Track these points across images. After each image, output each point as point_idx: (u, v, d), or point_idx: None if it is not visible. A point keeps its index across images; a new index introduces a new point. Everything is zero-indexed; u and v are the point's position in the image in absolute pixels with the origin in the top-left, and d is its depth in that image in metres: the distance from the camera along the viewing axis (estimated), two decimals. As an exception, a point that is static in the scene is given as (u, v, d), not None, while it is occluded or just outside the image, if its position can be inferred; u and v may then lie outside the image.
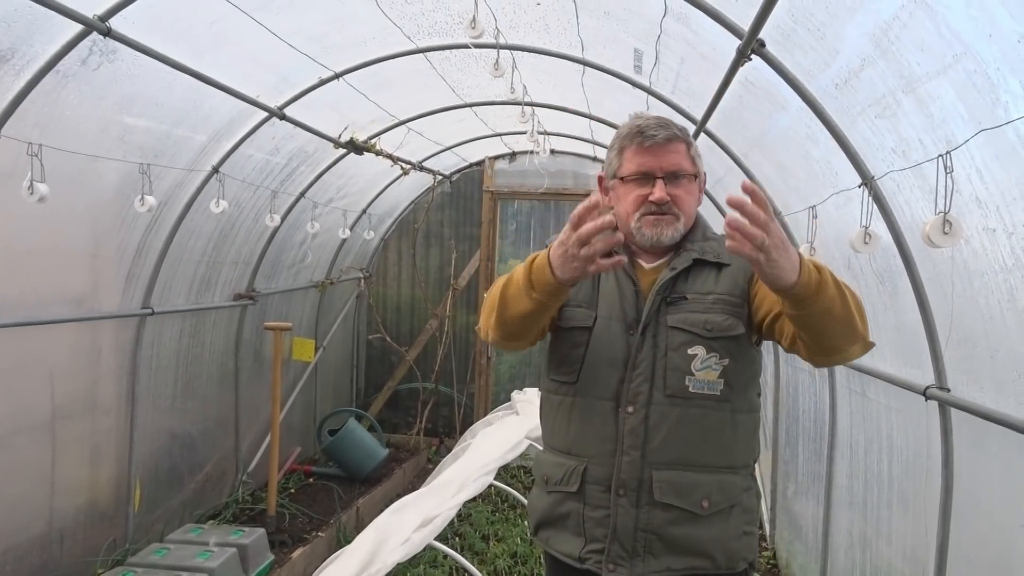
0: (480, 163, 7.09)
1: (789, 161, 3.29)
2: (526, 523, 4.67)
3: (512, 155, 7.00)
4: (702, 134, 3.73)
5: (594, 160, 6.75)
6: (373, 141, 5.09)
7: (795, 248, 1.45)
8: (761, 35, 2.34)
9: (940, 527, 2.28)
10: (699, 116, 3.60)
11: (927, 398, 2.30)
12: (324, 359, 6.68)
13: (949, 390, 2.23)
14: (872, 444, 3.01)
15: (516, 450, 4.40)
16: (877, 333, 1.65)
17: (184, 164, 3.90)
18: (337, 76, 4.01)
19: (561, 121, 5.53)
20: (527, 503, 2.10)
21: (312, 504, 5.37)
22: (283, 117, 4.03)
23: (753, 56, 2.43)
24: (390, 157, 5.35)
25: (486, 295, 1.81)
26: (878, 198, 2.32)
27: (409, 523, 3.22)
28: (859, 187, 2.39)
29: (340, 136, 4.77)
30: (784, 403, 4.47)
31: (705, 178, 1.91)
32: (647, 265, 1.86)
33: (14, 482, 3.39)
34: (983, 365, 2.06)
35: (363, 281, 7.24)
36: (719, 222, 4.84)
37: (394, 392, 7.36)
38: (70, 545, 3.72)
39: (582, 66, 4.06)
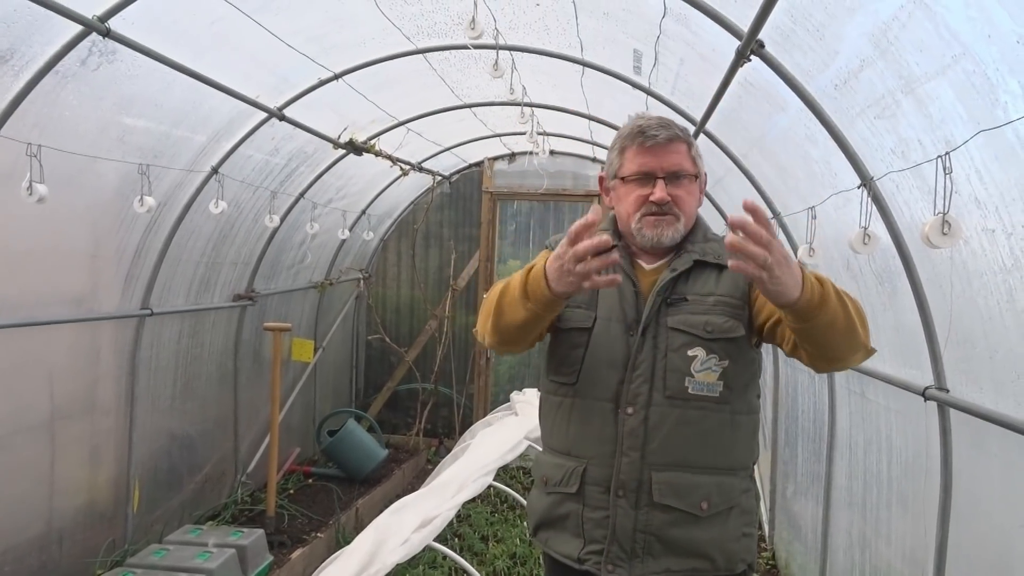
0: (479, 164, 7.09)
1: (788, 162, 3.29)
2: (525, 524, 4.68)
3: (511, 156, 7.00)
4: (701, 135, 3.73)
5: (593, 161, 6.75)
6: (372, 142, 5.09)
7: (797, 262, 1.45)
8: (760, 36, 2.34)
9: (939, 527, 2.28)
10: (698, 117, 3.60)
11: (926, 399, 2.30)
12: (323, 360, 6.67)
13: (948, 391, 2.23)
14: (871, 445, 3.01)
15: (515, 451, 4.40)
16: (876, 334, 1.65)
17: (183, 165, 3.90)
18: (337, 77, 4.02)
19: (560, 122, 5.53)
20: (526, 504, 2.10)
21: (311, 505, 5.36)
22: (282, 118, 4.03)
23: (752, 57, 2.43)
24: (389, 158, 5.35)
25: (484, 299, 1.81)
26: (877, 199, 2.32)
27: (408, 524, 3.22)
28: (858, 188, 2.39)
29: (339, 137, 4.77)
30: (783, 403, 4.46)
31: (706, 179, 1.91)
32: (647, 266, 1.85)
33: (13, 483, 3.39)
34: (982, 366, 2.06)
35: (362, 282, 7.24)
36: (718, 223, 4.86)
37: (393, 393, 7.35)
38: (69, 546, 3.72)
39: (581, 67, 4.06)
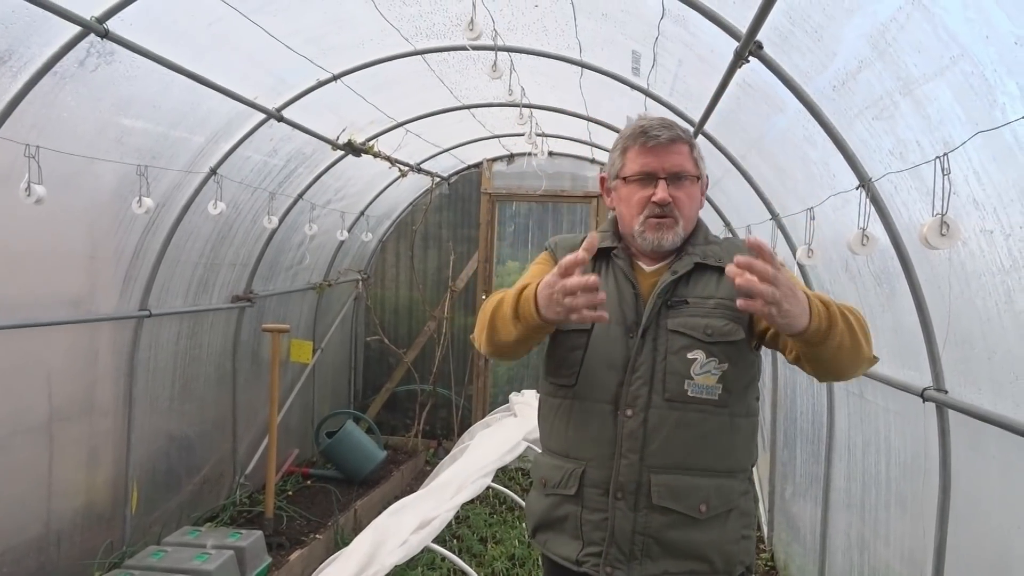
0: (478, 165, 7.09)
1: (787, 163, 3.29)
2: (524, 525, 4.67)
3: (510, 157, 7.00)
4: (700, 136, 3.73)
5: (592, 162, 6.75)
6: (371, 143, 5.09)
7: (803, 290, 1.46)
8: (759, 37, 2.34)
9: (938, 529, 2.27)
10: (697, 118, 3.60)
11: (925, 400, 2.30)
12: (322, 361, 6.67)
13: (947, 392, 2.23)
14: (870, 446, 3.01)
15: (514, 452, 4.40)
16: (875, 335, 1.65)
17: (182, 166, 3.90)
18: (335, 78, 4.02)
19: (559, 123, 5.53)
20: (525, 505, 2.10)
21: (310, 506, 5.36)
22: (281, 119, 4.03)
23: (751, 58, 2.43)
24: (388, 159, 5.35)
25: (481, 308, 1.81)
26: (876, 200, 2.32)
27: (407, 525, 3.21)
28: (857, 189, 2.39)
29: (338, 138, 4.77)
30: (782, 405, 4.46)
31: (707, 180, 1.91)
32: (647, 268, 1.85)
33: (11, 484, 3.38)
34: (981, 367, 2.06)
35: (361, 283, 7.24)
36: (717, 224, 4.86)
37: (392, 394, 7.35)
38: (67, 547, 3.72)
39: (580, 68, 4.06)
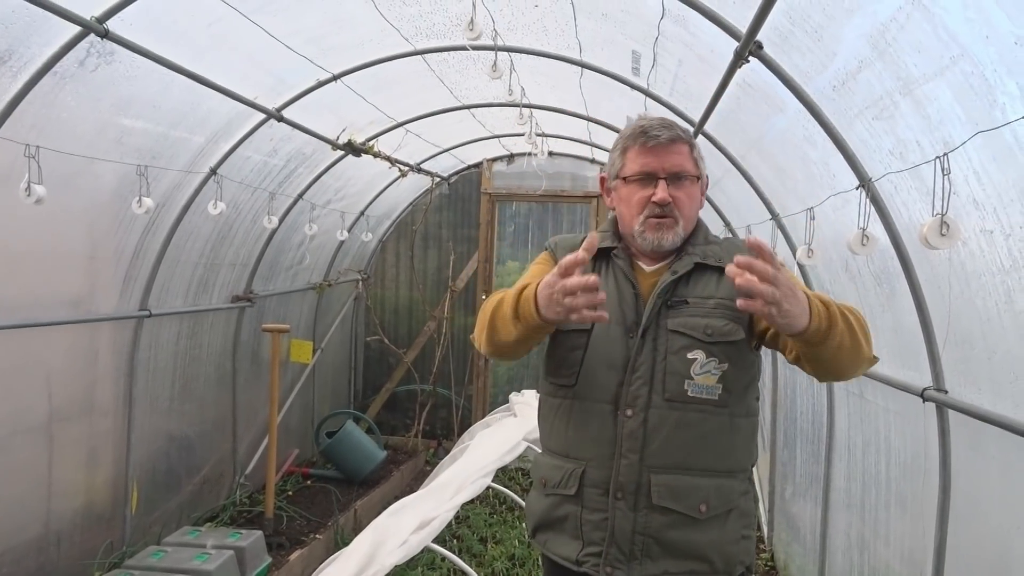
0: (478, 165, 7.08)
1: (787, 163, 3.29)
2: (524, 525, 4.67)
3: (510, 157, 7.00)
4: (700, 136, 3.73)
5: (592, 162, 6.75)
6: (371, 143, 5.09)
7: (802, 290, 1.46)
8: (759, 37, 2.34)
9: (938, 529, 2.27)
10: (697, 118, 3.60)
11: (925, 400, 2.30)
12: (322, 361, 6.67)
13: (947, 392, 2.23)
14: (870, 446, 3.01)
15: (514, 452, 4.40)
16: (875, 335, 1.65)
17: (182, 166, 3.90)
18: (335, 78, 4.01)
19: (559, 123, 5.53)
20: (525, 505, 2.10)
21: (310, 506, 5.36)
22: (281, 119, 4.03)
23: (751, 58, 2.43)
24: (388, 159, 5.35)
25: (481, 308, 1.81)
26: (876, 200, 2.32)
27: (407, 525, 3.21)
28: (857, 189, 2.39)
29: (338, 138, 4.77)
30: (782, 405, 4.46)
31: (707, 181, 1.91)
32: (647, 268, 1.85)
33: (11, 484, 3.38)
34: (981, 367, 2.06)
35: (361, 283, 7.24)
36: (717, 224, 4.86)
37: (392, 394, 7.35)
38: (67, 547, 3.72)
39: (580, 68, 4.06)
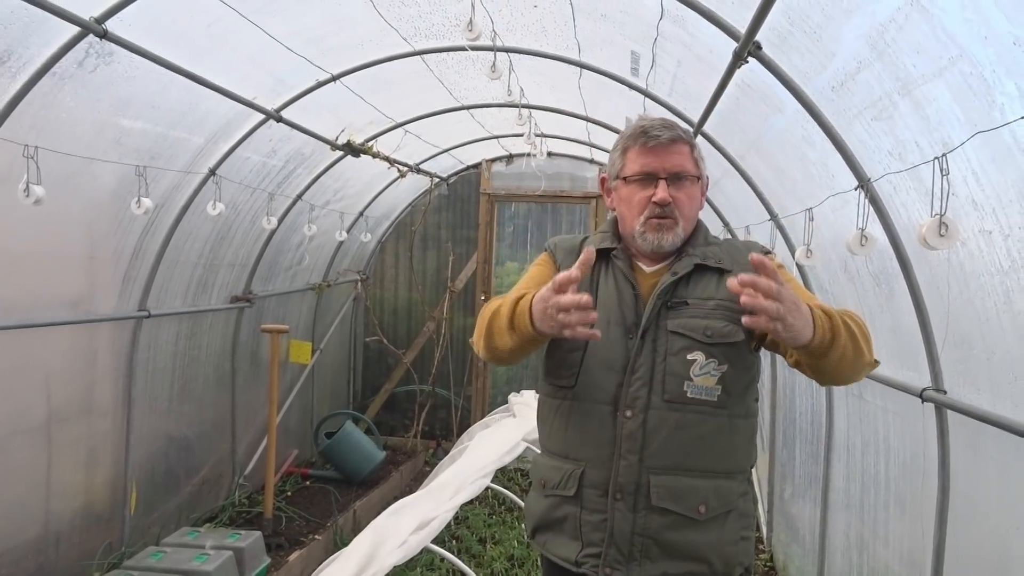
0: (477, 165, 7.08)
1: (786, 163, 3.29)
2: (523, 526, 4.66)
3: (509, 157, 7.00)
4: (699, 137, 3.73)
5: (591, 162, 6.75)
6: (370, 143, 5.09)
7: (805, 301, 1.46)
8: (757, 37, 2.34)
9: (937, 529, 2.27)
10: (696, 119, 3.60)
11: (924, 400, 2.30)
12: (321, 362, 6.67)
13: (946, 392, 2.23)
14: (869, 446, 3.01)
15: (513, 452, 4.40)
16: (874, 335, 1.65)
17: (181, 166, 3.90)
18: (334, 78, 4.01)
19: (558, 123, 5.53)
20: (524, 506, 2.10)
21: (309, 507, 5.36)
22: (280, 119, 4.02)
23: (749, 58, 2.43)
24: (387, 159, 5.35)
25: (480, 312, 1.81)
26: (874, 200, 2.32)
27: (406, 526, 3.21)
28: (855, 189, 2.39)
29: (337, 138, 4.77)
30: (781, 405, 4.46)
31: (708, 182, 1.91)
32: (647, 269, 1.85)
33: (10, 485, 3.38)
34: (979, 367, 2.06)
35: (360, 283, 7.24)
36: (716, 225, 4.86)
37: (391, 395, 7.35)
38: (66, 548, 3.71)
39: (579, 68, 4.06)
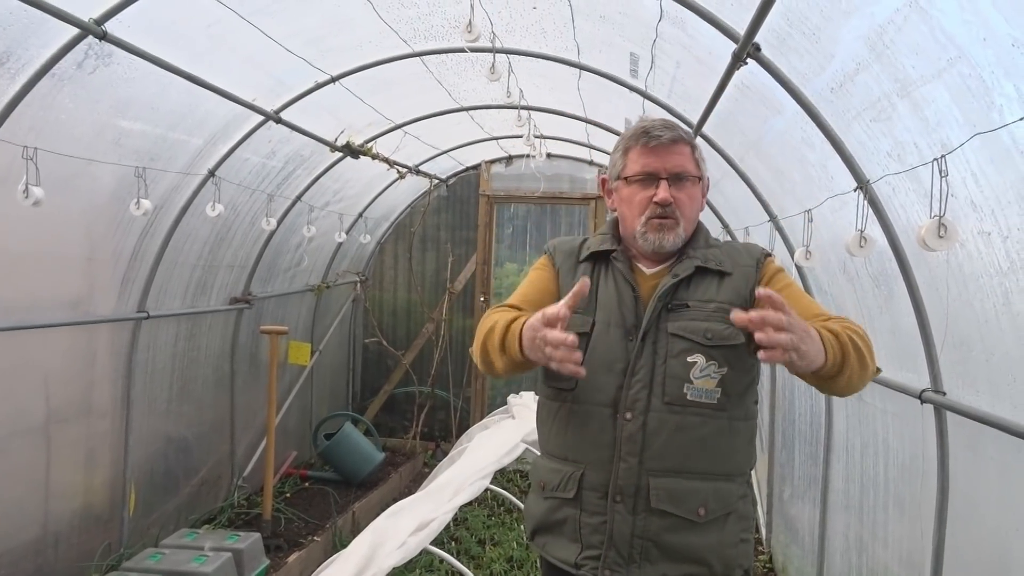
0: (476, 167, 7.09)
1: (785, 165, 3.30)
2: (522, 528, 4.67)
3: (508, 159, 7.00)
4: (698, 138, 3.73)
5: (590, 164, 6.76)
6: (369, 145, 5.09)
7: (808, 321, 1.47)
8: (756, 39, 2.34)
9: (936, 530, 2.27)
10: (695, 120, 3.61)
11: (923, 401, 2.30)
12: (320, 363, 6.66)
13: (945, 393, 2.23)
14: (868, 448, 3.01)
15: (512, 454, 4.39)
16: (873, 337, 1.65)
17: (180, 168, 3.89)
18: (333, 80, 4.02)
19: (557, 125, 5.53)
20: (524, 508, 2.09)
21: (308, 508, 5.35)
22: (279, 121, 4.03)
23: (748, 60, 2.43)
24: (386, 161, 5.35)
25: (479, 325, 1.81)
26: (873, 202, 2.32)
27: (405, 527, 3.21)
28: (854, 191, 2.39)
29: (336, 140, 4.77)
30: (780, 407, 4.47)
31: (708, 183, 1.91)
32: (647, 271, 1.85)
33: (9, 486, 3.37)
34: (979, 368, 2.06)
35: (359, 285, 7.23)
36: (715, 226, 4.87)
37: (390, 396, 7.34)
38: (65, 549, 3.71)
39: (578, 70, 4.06)
